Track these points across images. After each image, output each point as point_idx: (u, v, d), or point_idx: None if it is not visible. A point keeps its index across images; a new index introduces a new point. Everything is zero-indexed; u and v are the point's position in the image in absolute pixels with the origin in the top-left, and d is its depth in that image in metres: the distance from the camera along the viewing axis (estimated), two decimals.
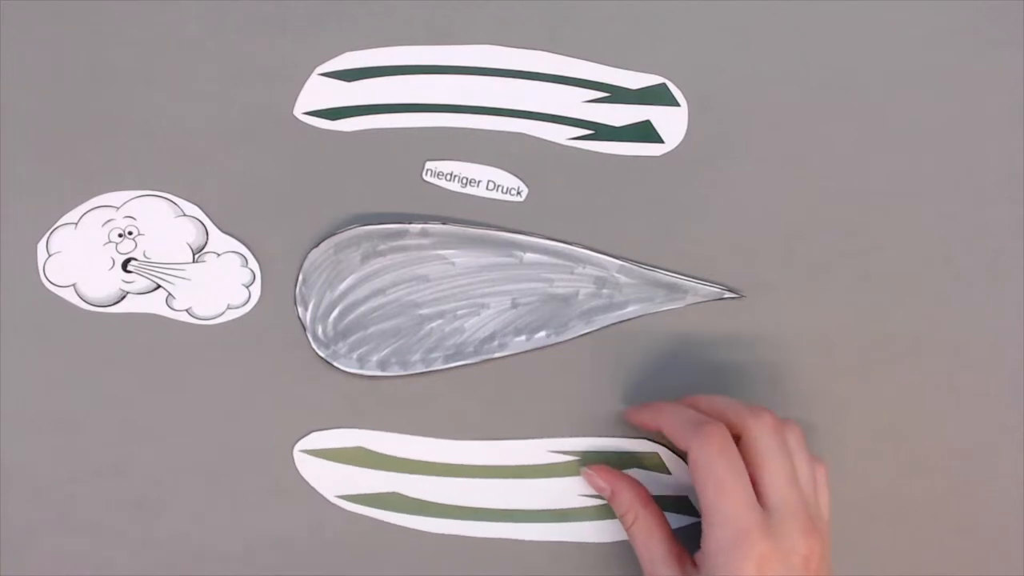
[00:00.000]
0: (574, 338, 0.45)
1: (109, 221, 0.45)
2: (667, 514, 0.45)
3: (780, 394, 0.46)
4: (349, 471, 0.44)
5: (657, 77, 0.46)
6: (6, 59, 0.45)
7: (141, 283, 0.45)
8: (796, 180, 0.46)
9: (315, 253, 0.45)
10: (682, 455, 0.44)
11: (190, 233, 0.45)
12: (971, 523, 0.46)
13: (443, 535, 0.45)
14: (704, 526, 0.39)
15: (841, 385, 0.46)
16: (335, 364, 0.45)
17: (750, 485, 0.38)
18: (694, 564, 0.40)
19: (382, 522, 0.45)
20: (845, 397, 0.46)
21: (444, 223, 0.45)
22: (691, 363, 0.46)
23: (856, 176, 0.47)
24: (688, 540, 0.45)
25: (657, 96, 0.46)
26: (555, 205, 0.46)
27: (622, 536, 0.45)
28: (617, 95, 0.46)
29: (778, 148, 0.46)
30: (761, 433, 0.39)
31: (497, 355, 0.45)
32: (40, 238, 0.44)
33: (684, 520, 0.45)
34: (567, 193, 0.46)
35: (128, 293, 0.45)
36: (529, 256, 0.46)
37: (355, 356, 0.45)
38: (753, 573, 0.37)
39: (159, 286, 0.45)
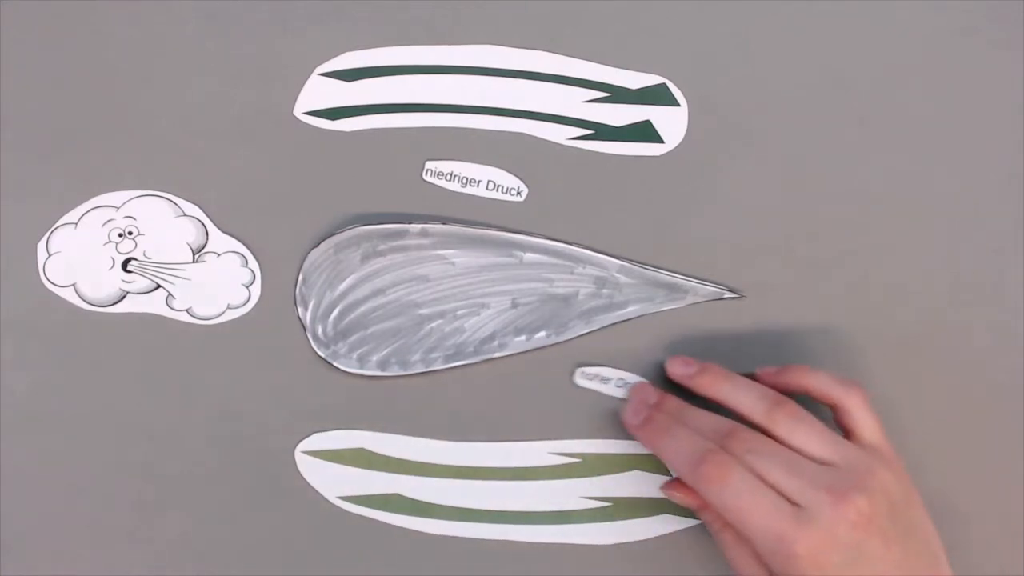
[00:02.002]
0: (574, 338, 0.45)
1: (109, 221, 0.45)
2: (668, 516, 0.45)
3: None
4: (351, 472, 0.44)
5: (657, 77, 0.46)
6: (6, 59, 0.45)
7: (141, 283, 0.45)
8: (796, 180, 0.46)
9: (315, 253, 0.45)
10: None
11: (190, 233, 0.45)
12: (971, 523, 0.46)
13: (444, 536, 0.45)
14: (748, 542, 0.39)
15: None
16: (335, 364, 0.45)
17: (763, 492, 0.38)
18: None
19: (383, 523, 0.45)
20: None
21: (444, 223, 0.45)
22: None
23: (856, 176, 0.47)
24: (693, 543, 0.45)
25: (657, 96, 0.46)
26: (555, 205, 0.46)
27: (623, 538, 0.45)
28: (617, 95, 0.46)
29: (778, 148, 0.46)
30: (745, 444, 0.39)
31: (497, 355, 0.45)
32: (40, 238, 0.44)
33: (687, 523, 0.45)
34: (567, 193, 0.46)
35: (128, 293, 0.45)
36: (529, 256, 0.46)
37: (355, 356, 0.45)
38: (808, 566, 0.37)
39: (159, 286, 0.45)
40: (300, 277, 0.45)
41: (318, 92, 0.45)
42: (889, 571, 0.37)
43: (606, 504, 0.45)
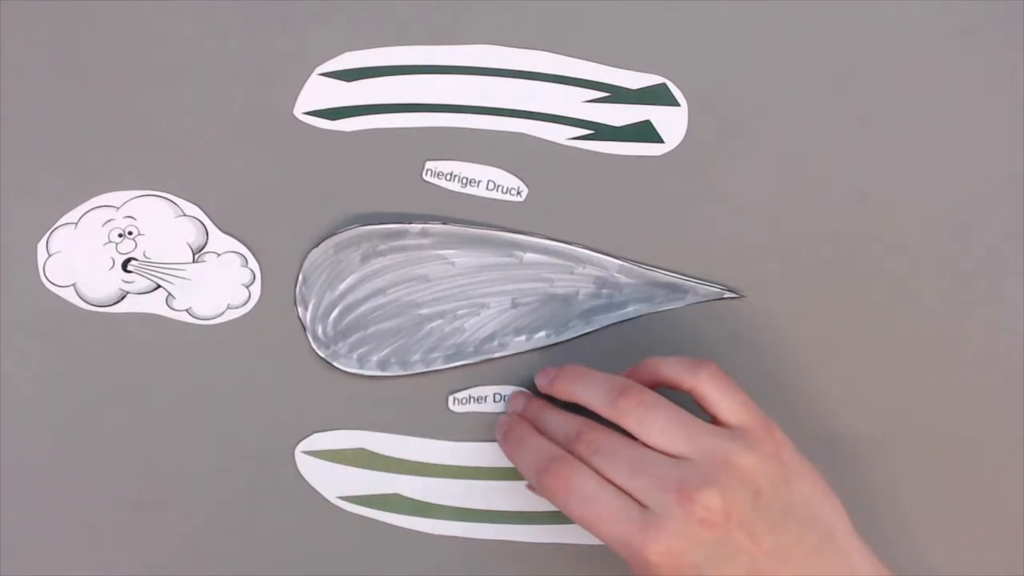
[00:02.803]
0: (574, 338, 0.45)
1: (109, 221, 0.45)
2: None
3: (780, 394, 0.46)
4: (350, 472, 0.44)
5: (657, 77, 0.46)
6: (6, 59, 0.45)
7: (141, 283, 0.45)
8: (796, 180, 0.46)
9: (315, 253, 0.45)
10: None
11: (190, 233, 0.45)
12: (971, 523, 0.46)
13: (444, 536, 0.45)
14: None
15: (841, 385, 0.46)
16: (335, 364, 0.45)
17: (608, 496, 0.36)
18: None
19: (383, 523, 0.45)
20: (845, 397, 0.46)
21: (444, 223, 0.45)
22: None
23: (856, 176, 0.47)
24: None
25: (657, 96, 0.46)
26: (555, 205, 0.46)
27: None
28: (617, 95, 0.46)
29: (778, 148, 0.46)
30: (589, 447, 0.37)
31: (497, 355, 0.45)
32: (40, 238, 0.44)
33: None
34: (567, 193, 0.46)
35: (128, 293, 0.45)
36: (529, 256, 0.46)
37: (355, 356, 0.45)
38: (667, 572, 0.35)
39: (159, 286, 0.45)
40: (300, 277, 0.45)
41: (318, 92, 0.45)
42: (763, 563, 0.35)
43: None
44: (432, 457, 0.45)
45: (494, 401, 0.45)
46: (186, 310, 0.45)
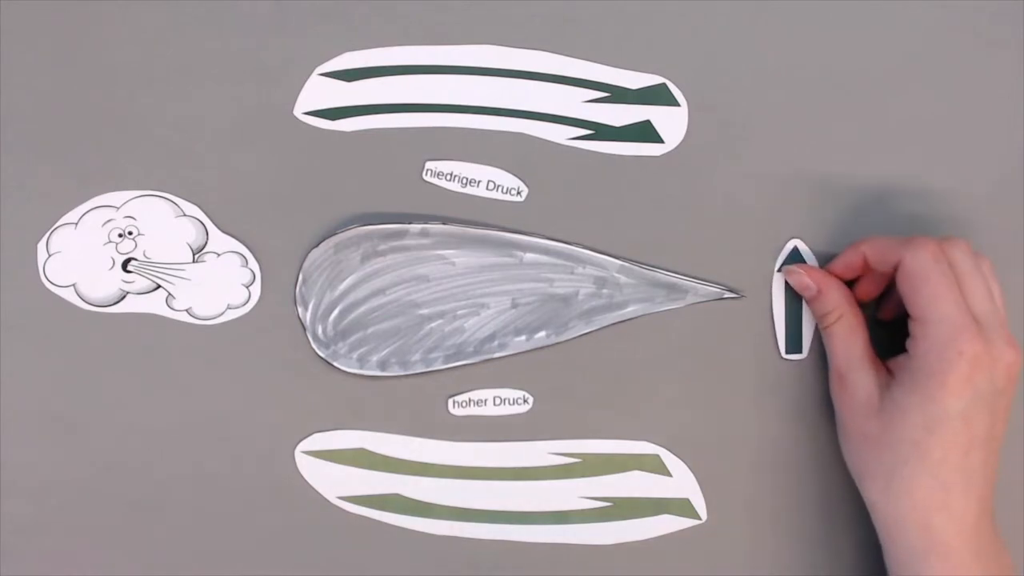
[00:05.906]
0: (574, 338, 0.45)
1: (109, 221, 0.45)
2: (668, 516, 0.45)
3: (780, 394, 0.46)
4: (350, 472, 0.44)
5: (657, 77, 0.46)
6: (6, 59, 0.45)
7: (141, 283, 0.45)
8: (796, 180, 0.46)
9: (315, 253, 0.45)
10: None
11: (190, 233, 0.45)
12: None
13: (444, 537, 0.45)
14: (915, 329, 0.40)
15: None
16: (335, 364, 0.45)
17: (971, 281, 0.40)
18: (889, 372, 0.42)
19: (383, 523, 0.45)
20: None
21: (444, 223, 0.45)
22: (691, 363, 0.46)
23: (856, 176, 0.47)
24: (693, 543, 0.45)
25: (657, 96, 0.46)
26: (555, 205, 0.46)
27: (623, 538, 0.45)
28: (617, 95, 0.46)
29: (778, 148, 0.46)
30: (961, 256, 0.41)
31: (497, 355, 0.45)
32: (40, 238, 0.44)
33: (687, 523, 0.45)
34: (567, 193, 0.46)
35: (128, 293, 0.45)
36: (529, 256, 0.46)
37: (355, 356, 0.45)
38: (965, 370, 0.38)
39: (159, 286, 0.45)
40: (300, 277, 0.45)
41: (318, 92, 0.45)
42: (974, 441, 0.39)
43: (606, 504, 0.45)
44: (432, 457, 0.45)
45: (494, 404, 0.45)
46: (186, 310, 0.45)
